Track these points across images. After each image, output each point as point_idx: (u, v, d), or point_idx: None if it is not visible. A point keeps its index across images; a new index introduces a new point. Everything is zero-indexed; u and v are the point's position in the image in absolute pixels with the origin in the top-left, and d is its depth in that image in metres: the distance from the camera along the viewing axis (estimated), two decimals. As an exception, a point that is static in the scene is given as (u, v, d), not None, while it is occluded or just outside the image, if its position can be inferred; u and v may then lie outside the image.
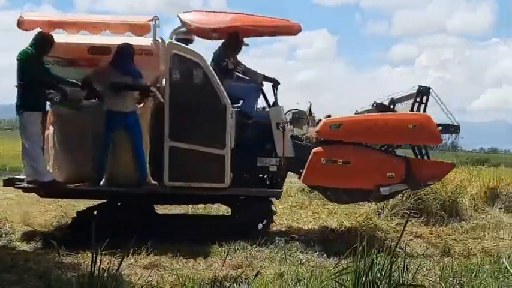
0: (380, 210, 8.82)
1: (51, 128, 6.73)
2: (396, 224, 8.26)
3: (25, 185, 6.57)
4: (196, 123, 6.67)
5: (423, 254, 5.96)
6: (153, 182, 6.66)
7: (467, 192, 10.30)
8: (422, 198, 8.88)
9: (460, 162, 13.74)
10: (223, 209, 7.97)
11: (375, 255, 3.60)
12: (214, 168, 6.65)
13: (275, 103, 7.26)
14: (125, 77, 6.52)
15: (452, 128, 7.23)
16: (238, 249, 6.11)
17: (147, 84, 6.75)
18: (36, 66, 6.41)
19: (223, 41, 7.34)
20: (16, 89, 6.46)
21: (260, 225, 6.84)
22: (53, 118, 6.74)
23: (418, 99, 7.22)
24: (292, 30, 7.42)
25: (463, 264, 5.18)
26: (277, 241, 6.37)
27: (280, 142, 6.96)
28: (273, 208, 7.20)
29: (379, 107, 7.52)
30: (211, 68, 6.71)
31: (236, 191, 6.78)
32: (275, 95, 7.31)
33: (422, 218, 8.84)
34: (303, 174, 6.96)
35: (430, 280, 4.68)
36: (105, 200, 6.84)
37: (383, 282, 3.59)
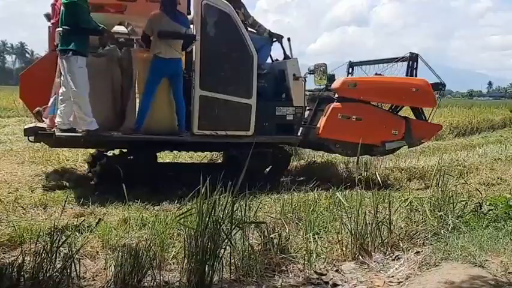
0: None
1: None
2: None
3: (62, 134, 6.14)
4: (225, 73, 6.69)
5: (264, 192, 6.22)
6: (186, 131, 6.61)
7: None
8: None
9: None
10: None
11: (217, 196, 3.65)
12: (241, 117, 6.82)
13: (289, 56, 7.46)
14: (175, 25, 6.42)
15: (440, 86, 8.13)
16: (79, 197, 5.84)
17: (193, 34, 6.57)
18: (84, 10, 6.05)
19: None
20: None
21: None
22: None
23: (410, 65, 7.92)
24: None
25: (301, 199, 5.48)
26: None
27: (297, 92, 7.18)
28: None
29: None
30: (239, 19, 6.62)
31: (259, 138, 6.81)
32: (289, 48, 7.50)
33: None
34: (320, 127, 7.39)
35: (271, 217, 4.90)
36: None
37: (226, 221, 3.67)
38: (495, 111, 23.62)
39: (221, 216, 3.61)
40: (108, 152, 6.97)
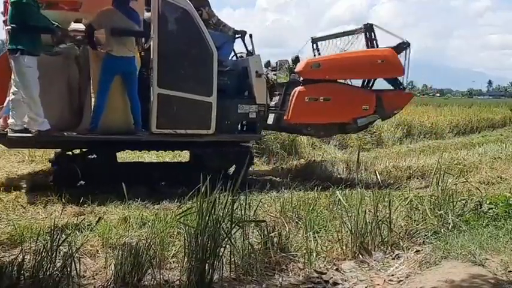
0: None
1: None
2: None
3: (14, 135, 5.99)
4: (184, 71, 6.54)
5: (264, 191, 6.23)
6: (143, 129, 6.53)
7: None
8: (264, 138, 9.27)
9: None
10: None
11: (217, 195, 3.65)
12: (201, 115, 6.67)
13: (252, 52, 7.38)
14: (129, 21, 6.27)
15: (404, 45, 7.78)
16: (79, 196, 5.83)
17: (148, 31, 6.45)
18: (31, 8, 5.83)
19: None
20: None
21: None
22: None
23: (368, 36, 7.75)
24: None
25: (301, 198, 5.47)
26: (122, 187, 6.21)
27: (260, 90, 7.09)
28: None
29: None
30: (198, 15, 6.49)
31: (221, 137, 6.79)
32: (251, 44, 7.44)
33: (264, 157, 9.26)
34: (288, 112, 7.21)
35: (271, 215, 4.90)
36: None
37: (226, 220, 3.67)
38: (495, 110, 23.63)
39: (221, 214, 3.61)
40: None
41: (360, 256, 4.20)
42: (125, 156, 7.95)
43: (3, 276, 3.13)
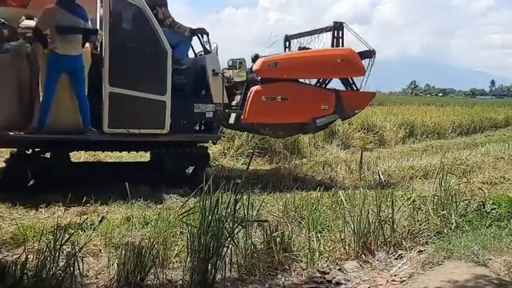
0: (226, 151, 9.03)
1: None
2: (242, 164, 8.54)
3: None
4: (136, 69, 6.38)
5: (267, 191, 6.22)
6: (93, 129, 6.27)
7: (308, 131, 10.95)
8: (266, 137, 9.26)
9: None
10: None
11: (220, 194, 3.64)
12: (155, 114, 6.51)
13: (209, 51, 7.18)
14: (73, 19, 6.09)
15: (371, 53, 7.63)
16: (82, 195, 5.83)
17: (95, 28, 6.30)
18: None
19: None
20: None
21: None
22: None
23: (335, 35, 7.56)
24: None
25: (304, 198, 5.46)
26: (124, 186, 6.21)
27: (217, 89, 6.93)
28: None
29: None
30: (151, 13, 6.33)
31: (176, 137, 6.65)
32: (208, 43, 7.22)
33: (267, 156, 9.25)
34: (245, 112, 7.04)
35: (274, 215, 4.90)
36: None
37: (228, 220, 3.67)
38: (498, 110, 23.60)
39: (224, 214, 3.61)
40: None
41: (363, 256, 4.20)
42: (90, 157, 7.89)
43: (6, 275, 3.13)
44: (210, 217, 3.51)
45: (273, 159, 9.29)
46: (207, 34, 7.22)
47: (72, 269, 3.25)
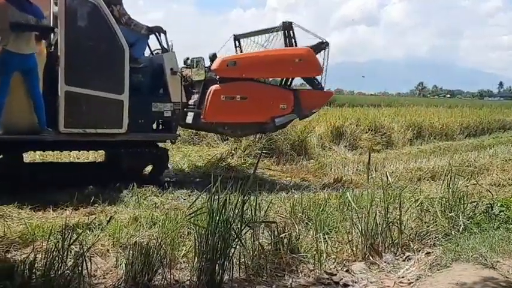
0: (233, 152, 9.04)
1: None
2: (249, 164, 8.54)
3: None
4: (93, 68, 6.29)
5: (274, 192, 6.22)
6: (49, 129, 6.16)
7: (315, 132, 10.98)
8: (273, 138, 9.27)
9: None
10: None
11: (228, 195, 3.65)
12: (112, 114, 6.43)
13: (167, 49, 7.11)
14: (24, 15, 5.91)
15: (323, 45, 7.62)
16: (90, 195, 5.87)
17: (50, 25, 6.17)
18: None
19: None
20: None
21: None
22: None
23: (286, 34, 7.54)
24: None
25: (311, 200, 5.44)
26: (130, 186, 6.25)
27: (175, 87, 6.89)
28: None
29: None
30: (108, 10, 6.27)
31: (134, 136, 6.60)
32: (165, 41, 7.16)
33: (274, 157, 9.26)
34: (204, 112, 6.98)
35: (281, 216, 4.89)
36: None
37: (236, 221, 3.67)
38: (506, 112, 23.44)
39: (231, 215, 3.61)
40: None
41: (370, 258, 4.19)
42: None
43: (15, 274, 3.15)
44: (217, 218, 3.52)
45: (280, 160, 9.29)
46: (164, 32, 7.16)
47: (80, 268, 3.26)
